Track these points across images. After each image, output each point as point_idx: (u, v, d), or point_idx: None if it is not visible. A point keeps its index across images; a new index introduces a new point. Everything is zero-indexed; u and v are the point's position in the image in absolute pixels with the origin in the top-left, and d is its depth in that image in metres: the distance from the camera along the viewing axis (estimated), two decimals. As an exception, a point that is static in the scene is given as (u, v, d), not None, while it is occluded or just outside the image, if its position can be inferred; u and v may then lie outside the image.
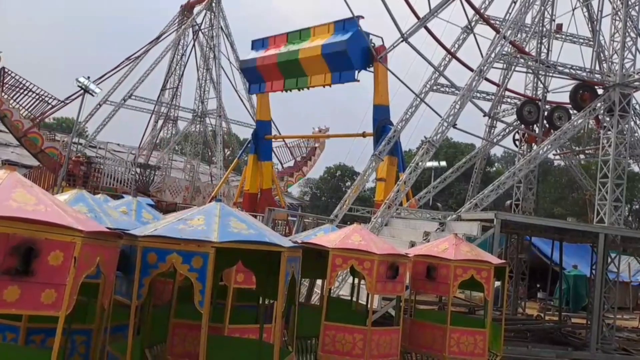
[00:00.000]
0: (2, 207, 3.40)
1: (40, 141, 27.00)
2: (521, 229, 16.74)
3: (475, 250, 9.26)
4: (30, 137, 26.65)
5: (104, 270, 3.98)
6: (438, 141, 16.77)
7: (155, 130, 42.32)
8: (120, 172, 29.96)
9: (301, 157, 39.97)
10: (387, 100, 21.09)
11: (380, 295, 10.21)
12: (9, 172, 3.84)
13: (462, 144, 57.25)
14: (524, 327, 16.12)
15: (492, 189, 15.80)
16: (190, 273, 4.47)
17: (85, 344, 5.28)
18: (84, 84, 26.09)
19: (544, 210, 43.89)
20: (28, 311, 3.71)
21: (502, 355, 9.49)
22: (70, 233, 3.56)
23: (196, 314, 4.80)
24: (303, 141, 40.23)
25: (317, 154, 40.63)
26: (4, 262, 3.29)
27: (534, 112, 21.84)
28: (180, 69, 41.30)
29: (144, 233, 4.72)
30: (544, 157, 18.98)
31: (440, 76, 20.18)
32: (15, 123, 26.35)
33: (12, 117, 26.29)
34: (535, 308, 21.89)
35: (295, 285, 5.39)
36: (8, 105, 26.45)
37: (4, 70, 26.72)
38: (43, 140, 27.13)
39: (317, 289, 11.31)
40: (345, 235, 8.05)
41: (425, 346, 8.91)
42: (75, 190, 6.46)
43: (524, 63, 19.72)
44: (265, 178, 26.76)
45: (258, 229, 5.10)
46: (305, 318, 7.60)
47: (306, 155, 40.23)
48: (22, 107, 27.33)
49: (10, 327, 5.28)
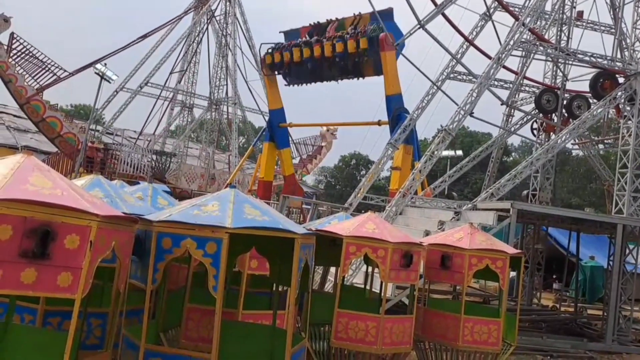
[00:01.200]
0: (20, 191, 3.44)
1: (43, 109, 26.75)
2: (538, 219, 16.58)
3: (491, 239, 9.19)
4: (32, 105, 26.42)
5: (119, 255, 4.02)
6: (454, 130, 16.61)
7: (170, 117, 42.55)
8: (137, 158, 30.19)
9: (307, 155, 39.79)
10: (398, 88, 20.90)
11: (393, 283, 10.21)
12: (27, 157, 3.88)
13: (479, 133, 56.75)
14: (539, 317, 16.02)
15: (509, 178, 15.63)
16: (205, 258, 4.49)
17: (101, 327, 5.36)
18: (101, 71, 26.25)
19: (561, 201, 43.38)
20: (45, 293, 3.75)
21: (516, 345, 9.44)
22: (86, 217, 3.60)
23: (210, 299, 4.83)
24: (310, 139, 40.09)
25: (324, 153, 40.43)
26: (21, 245, 3.33)
27: (553, 101, 21.51)
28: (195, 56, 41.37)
29: (158, 218, 4.75)
30: (562, 146, 18.70)
31: (457, 64, 19.92)
32: (18, 89, 26.07)
33: (17, 83, 26.05)
34: (550, 299, 21.73)
35: (309, 272, 5.39)
36: (14, 70, 26.32)
37: (13, 36, 26.61)
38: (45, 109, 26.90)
39: (331, 277, 11.34)
40: (359, 223, 8.03)
41: (438, 335, 8.89)
42: (92, 175, 6.52)
43: (543, 51, 19.37)
44: (286, 165, 26.88)
45: (272, 215, 5.10)
46: (318, 305, 7.63)
47: (312, 154, 40.04)
48: (27, 74, 27.17)
49: (28, 309, 5.38)
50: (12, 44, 26.53)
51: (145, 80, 39.29)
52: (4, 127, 33.86)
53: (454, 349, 8.80)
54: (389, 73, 20.41)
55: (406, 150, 20.34)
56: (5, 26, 25.97)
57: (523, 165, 16.34)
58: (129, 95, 38.65)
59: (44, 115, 26.68)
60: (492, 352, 8.82)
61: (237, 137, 40.28)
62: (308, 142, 39.98)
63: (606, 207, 27.05)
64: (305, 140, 39.86)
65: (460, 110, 16.46)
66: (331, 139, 39.86)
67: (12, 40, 26.53)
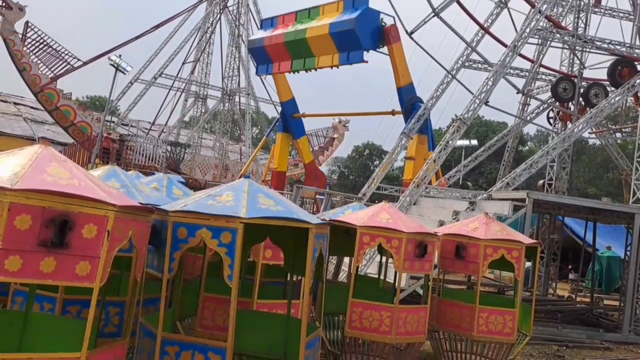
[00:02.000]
0: (38, 181, 3.49)
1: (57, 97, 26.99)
2: (554, 209, 16.41)
3: (506, 229, 9.13)
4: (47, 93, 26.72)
5: (136, 244, 4.06)
6: (469, 119, 16.46)
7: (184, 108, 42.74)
8: (152, 149, 30.43)
9: (319, 146, 39.67)
10: (409, 78, 20.41)
11: (408, 273, 10.20)
12: (44, 147, 3.92)
13: (494, 122, 56.22)
14: (554, 308, 15.91)
15: (525, 167, 15.47)
16: (220, 248, 4.52)
17: (118, 315, 5.44)
18: (116, 62, 26.40)
19: (577, 191, 42.90)
20: (63, 282, 3.81)
21: (531, 336, 9.41)
22: (103, 207, 3.64)
23: (225, 289, 4.87)
24: (322, 131, 39.93)
25: (335, 144, 40.24)
26: (40, 234, 3.38)
27: (570, 89, 21.20)
28: (208, 47, 41.42)
29: (174, 208, 4.78)
30: (579, 135, 18.46)
31: (472, 52, 19.70)
32: (33, 77, 26.42)
33: (31, 71, 26.41)
34: (566, 289, 21.58)
35: (323, 262, 5.41)
36: (28, 59, 26.65)
37: (28, 25, 26.90)
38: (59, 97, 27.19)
39: (345, 267, 11.35)
40: (373, 213, 8.02)
41: (453, 325, 8.88)
42: (108, 166, 6.59)
43: (560, 38, 19.08)
44: (305, 153, 26.88)
45: (286, 205, 5.11)
46: (332, 295, 7.66)
47: (324, 145, 39.90)
48: (42, 63, 27.48)
49: (47, 298, 5.47)
50: (27, 32, 26.80)
51: (159, 71, 39.49)
52: (21, 118, 34.29)
53: (468, 339, 8.79)
54: (398, 65, 20.02)
55: (420, 140, 20.19)
56: (20, 15, 26.26)
57: (539, 155, 16.17)
58: (143, 87, 38.91)
59: (57, 103, 26.96)
60: (508, 342, 8.80)
61: (250, 127, 40.35)
62: (320, 133, 39.86)
63: (623, 196, 26.69)
64: (317, 132, 39.73)
65: (476, 99, 16.30)
66: (343, 131, 39.71)
67: (27, 29, 26.81)
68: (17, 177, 3.43)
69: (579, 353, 11.49)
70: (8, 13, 25.89)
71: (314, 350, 5.26)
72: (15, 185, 3.34)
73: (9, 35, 25.99)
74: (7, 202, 3.29)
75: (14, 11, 26.01)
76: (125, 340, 4.32)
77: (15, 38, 26.17)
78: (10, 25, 25.99)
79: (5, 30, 25.91)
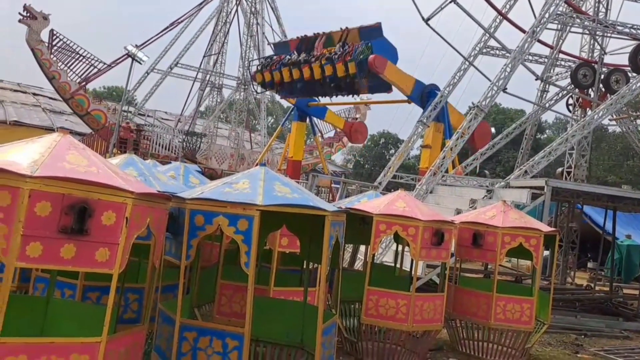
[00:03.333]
0: (57, 168, 3.52)
1: (87, 103, 27.70)
2: (572, 197, 16.20)
3: (525, 217, 9.05)
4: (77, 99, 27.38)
5: (154, 231, 4.09)
6: (487, 106, 16.27)
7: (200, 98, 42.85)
8: (168, 139, 30.65)
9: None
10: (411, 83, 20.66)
11: (424, 262, 10.17)
12: (63, 136, 3.96)
13: (512, 109, 55.49)
14: (572, 296, 15.75)
15: (543, 155, 15.27)
16: (237, 235, 4.54)
17: (137, 302, 5.51)
18: (132, 52, 26.53)
19: (597, 179, 42.22)
20: (83, 268, 3.86)
21: (549, 324, 9.34)
22: (122, 194, 3.67)
23: (242, 276, 4.90)
24: (344, 112, 39.76)
25: None
26: (60, 221, 3.42)
27: (590, 76, 20.80)
28: (224, 36, 41.39)
29: (191, 196, 4.81)
30: (599, 122, 18.14)
31: (490, 38, 19.43)
32: (63, 85, 27.06)
33: (60, 79, 27.01)
34: (585, 278, 21.34)
35: (339, 250, 5.41)
36: (56, 67, 27.17)
37: (53, 33, 27.36)
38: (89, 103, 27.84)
39: (360, 256, 11.36)
40: (389, 201, 7.99)
41: (470, 313, 8.86)
42: (126, 154, 6.64)
43: (580, 23, 18.70)
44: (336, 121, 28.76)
45: (302, 193, 5.12)
46: (348, 283, 7.67)
47: None
48: (69, 70, 28.01)
49: (68, 285, 5.56)
50: (53, 40, 27.27)
51: (175, 61, 39.61)
52: (40, 109, 34.70)
53: (485, 327, 8.76)
54: (397, 83, 20.19)
55: (437, 128, 20.05)
56: (44, 24, 26.74)
57: (558, 142, 15.93)
58: (159, 77, 39.08)
59: (88, 109, 27.66)
60: (525, 330, 8.75)
61: (265, 117, 40.34)
62: (342, 115, 39.70)
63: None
64: (339, 113, 39.59)
65: (493, 86, 16.09)
66: (365, 110, 39.38)
67: (52, 37, 27.27)
68: (36, 165, 3.47)
69: (598, 342, 11.38)
70: (33, 23, 26.30)
71: (331, 337, 5.28)
72: (35, 173, 3.39)
73: (36, 45, 26.48)
74: (28, 189, 3.34)
75: (39, 20, 26.43)
76: (144, 325, 4.38)
77: (42, 47, 26.68)
78: (36, 34, 26.48)
79: (32, 40, 26.40)
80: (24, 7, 26.22)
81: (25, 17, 26.22)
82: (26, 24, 26.30)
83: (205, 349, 4.56)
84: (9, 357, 3.31)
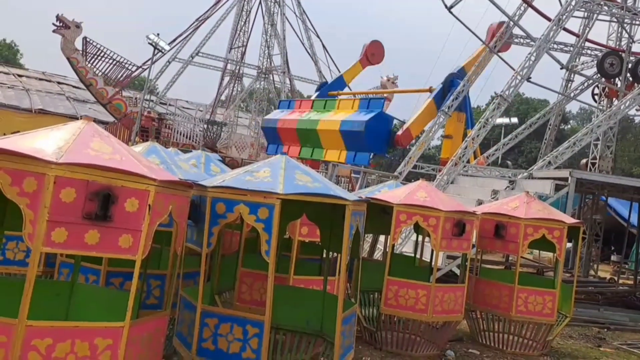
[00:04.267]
0: (82, 155, 3.57)
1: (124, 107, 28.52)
2: (597, 189, 15.92)
3: (548, 209, 8.92)
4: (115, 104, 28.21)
5: (176, 218, 4.12)
6: (510, 96, 16.02)
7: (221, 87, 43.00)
8: (190, 128, 30.91)
9: None
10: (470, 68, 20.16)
11: (445, 252, 10.11)
12: (87, 123, 4.00)
13: (535, 99, 54.60)
14: (595, 289, 15.52)
15: (568, 146, 15.00)
16: (257, 223, 4.56)
17: (159, 288, 5.57)
18: (154, 41, 26.73)
19: (622, 170, 41.42)
20: (107, 254, 3.92)
21: (571, 317, 9.22)
22: (145, 181, 3.70)
23: (262, 264, 4.92)
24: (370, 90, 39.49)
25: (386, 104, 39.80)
26: (84, 207, 3.47)
27: (617, 65, 20.27)
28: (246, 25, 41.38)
29: (212, 184, 4.84)
30: (626, 112, 17.73)
31: (514, 26, 19.05)
32: (100, 91, 27.90)
33: (97, 86, 27.78)
34: (608, 271, 21.01)
35: (360, 239, 5.39)
36: (92, 73, 27.83)
37: (86, 40, 27.99)
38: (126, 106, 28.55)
39: (380, 246, 11.33)
40: (410, 191, 7.95)
41: (491, 305, 8.79)
42: (148, 142, 6.70)
43: (608, 11, 18.25)
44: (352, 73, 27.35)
45: (323, 182, 5.10)
46: (368, 272, 7.66)
47: None
48: (104, 75, 28.68)
49: (92, 270, 5.65)
50: (87, 47, 27.80)
51: (196, 50, 39.77)
52: (64, 97, 35.21)
53: (506, 319, 8.69)
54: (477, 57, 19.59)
55: (458, 118, 19.79)
56: (78, 32, 27.36)
57: (583, 133, 15.64)
58: (180, 65, 39.30)
59: (125, 111, 28.24)
60: (547, 322, 8.66)
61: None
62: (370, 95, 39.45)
63: (672, 177, 25.64)
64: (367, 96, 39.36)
65: (517, 75, 15.83)
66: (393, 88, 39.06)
67: (85, 45, 27.81)
68: (61, 152, 3.51)
69: (621, 335, 11.21)
70: (67, 32, 26.82)
71: (350, 325, 5.28)
72: (60, 159, 3.43)
73: (71, 54, 27.09)
74: (53, 176, 3.39)
75: (72, 29, 26.93)
76: (166, 311, 4.43)
77: (77, 56, 27.29)
78: (71, 44, 27.09)
79: (68, 50, 27.00)
80: (57, 17, 26.82)
81: (59, 27, 26.79)
82: (60, 34, 26.88)
83: (225, 335, 4.60)
84: (36, 340, 3.38)
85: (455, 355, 8.09)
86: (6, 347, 3.33)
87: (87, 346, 3.53)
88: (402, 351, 7.82)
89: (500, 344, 8.80)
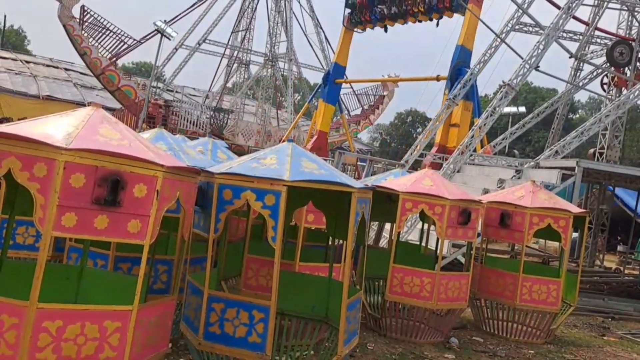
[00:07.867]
0: (91, 141, 3.61)
1: (117, 79, 28.17)
2: (604, 179, 15.84)
3: (554, 198, 8.91)
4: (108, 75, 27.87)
5: (183, 204, 4.17)
6: (518, 84, 15.90)
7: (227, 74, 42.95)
8: (196, 115, 30.95)
9: (369, 105, 39.27)
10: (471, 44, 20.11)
11: (450, 241, 10.13)
12: (96, 109, 4.04)
13: (543, 89, 54.23)
14: (600, 279, 15.52)
15: (576, 135, 14.91)
16: (264, 210, 4.60)
17: (167, 273, 5.65)
18: (161, 28, 26.68)
19: (630, 160, 41.16)
20: (116, 239, 3.97)
21: (576, 306, 9.25)
22: (153, 167, 3.74)
23: (268, 251, 4.97)
24: (371, 89, 39.36)
25: (386, 102, 39.67)
26: (94, 193, 3.52)
27: (627, 54, 20.06)
28: (251, 12, 41.22)
29: (220, 170, 4.87)
30: (635, 102, 17.57)
31: (523, 14, 18.87)
32: (94, 60, 27.58)
33: (91, 55, 27.49)
34: (614, 261, 20.98)
35: (365, 227, 5.43)
36: (87, 42, 27.58)
37: (84, 9, 27.73)
38: (120, 78, 28.28)
39: (386, 234, 11.36)
40: (416, 179, 7.96)
41: (495, 293, 8.82)
42: (156, 129, 6.74)
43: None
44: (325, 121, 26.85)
45: (329, 169, 5.12)
46: (373, 260, 7.71)
47: (374, 104, 39.44)
48: (100, 46, 28.38)
49: (100, 255, 5.73)
50: (84, 16, 27.58)
51: (203, 37, 39.70)
52: (72, 84, 35.30)
53: (510, 308, 8.73)
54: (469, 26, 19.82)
55: (465, 106, 19.71)
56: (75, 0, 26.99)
57: (591, 122, 15.54)
58: (187, 53, 39.27)
59: (119, 84, 28.04)
60: (551, 311, 8.69)
61: (292, 93, 40.28)
62: (370, 92, 39.30)
63: (680, 167, 25.43)
64: (367, 91, 39.19)
65: (525, 63, 15.70)
66: (393, 87, 38.96)
67: (83, 13, 27.58)
68: (71, 137, 3.55)
69: (625, 325, 11.24)
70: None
71: (355, 312, 5.34)
72: (69, 145, 3.47)
73: (68, 21, 26.88)
74: (63, 161, 3.43)
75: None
76: (174, 296, 4.50)
77: (74, 23, 27.07)
78: (68, 11, 26.87)
79: (64, 17, 26.78)
80: None
81: None
82: (58, 0, 26.66)
83: (232, 320, 4.66)
84: (47, 322, 3.45)
85: (459, 342, 8.15)
86: (18, 329, 3.40)
87: (96, 328, 3.60)
88: (407, 338, 7.88)
89: (504, 332, 8.85)
